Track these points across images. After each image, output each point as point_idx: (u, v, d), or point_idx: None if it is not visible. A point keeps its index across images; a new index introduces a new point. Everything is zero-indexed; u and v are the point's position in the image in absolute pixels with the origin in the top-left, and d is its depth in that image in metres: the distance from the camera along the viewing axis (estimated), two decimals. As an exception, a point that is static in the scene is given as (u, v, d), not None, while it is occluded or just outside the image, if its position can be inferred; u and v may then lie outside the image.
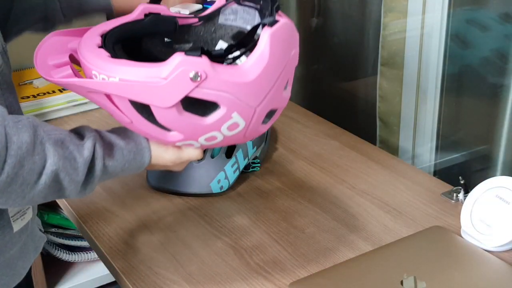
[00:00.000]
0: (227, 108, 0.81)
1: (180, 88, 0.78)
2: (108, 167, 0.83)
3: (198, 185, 1.19)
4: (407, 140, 1.48)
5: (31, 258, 0.96)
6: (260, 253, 1.06)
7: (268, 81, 0.82)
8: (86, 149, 0.80)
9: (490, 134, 1.32)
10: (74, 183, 0.80)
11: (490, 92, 1.33)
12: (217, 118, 0.81)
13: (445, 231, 1.07)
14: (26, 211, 0.90)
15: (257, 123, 0.85)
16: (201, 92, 0.78)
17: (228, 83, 0.79)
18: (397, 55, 1.42)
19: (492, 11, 1.31)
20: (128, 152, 0.85)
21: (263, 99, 0.82)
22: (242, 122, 0.83)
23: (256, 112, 0.83)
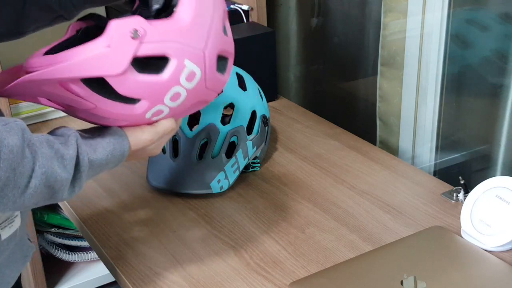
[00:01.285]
0: (177, 57, 0.83)
1: (126, 50, 0.80)
2: (93, 162, 0.83)
3: (198, 185, 1.19)
4: (407, 140, 1.48)
5: (20, 267, 0.95)
6: (260, 253, 1.06)
7: (203, 22, 0.85)
8: (71, 146, 0.80)
9: (490, 134, 1.32)
10: (64, 182, 0.79)
11: (490, 92, 1.33)
12: (172, 70, 0.83)
13: (445, 231, 1.07)
14: (14, 219, 0.89)
15: (212, 69, 0.86)
16: (147, 48, 0.81)
17: (168, 32, 0.82)
18: (397, 55, 1.42)
19: (492, 11, 1.31)
20: (108, 143, 0.85)
21: (206, 40, 0.85)
22: (197, 69, 0.85)
23: (206, 56, 0.85)
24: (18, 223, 0.90)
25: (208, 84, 0.88)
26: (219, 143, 1.20)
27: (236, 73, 1.27)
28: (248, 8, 1.68)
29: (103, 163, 0.85)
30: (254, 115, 1.26)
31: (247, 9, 1.68)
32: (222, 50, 0.88)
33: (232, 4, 1.68)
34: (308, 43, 1.87)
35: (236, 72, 1.28)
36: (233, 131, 1.21)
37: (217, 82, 0.90)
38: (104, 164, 0.85)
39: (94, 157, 0.83)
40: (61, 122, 1.56)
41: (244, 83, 1.27)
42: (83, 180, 0.83)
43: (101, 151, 0.84)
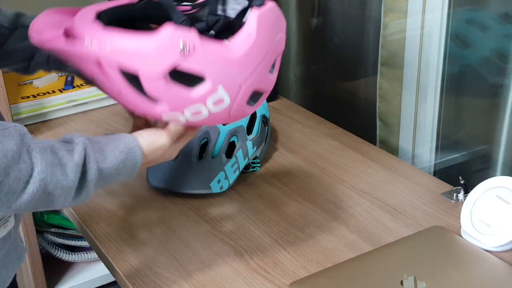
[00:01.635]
0: (212, 81, 0.82)
1: (169, 58, 0.80)
2: (103, 170, 0.82)
3: (198, 185, 1.19)
4: (407, 140, 1.48)
5: (15, 267, 0.95)
6: (260, 253, 1.06)
7: (254, 59, 0.84)
8: (77, 153, 0.80)
9: (490, 134, 1.32)
10: (65, 189, 0.79)
11: (490, 92, 1.33)
12: (203, 90, 0.83)
13: (445, 231, 1.07)
14: (9, 219, 0.89)
15: (242, 101, 0.86)
16: (188, 64, 0.81)
17: (215, 57, 0.82)
18: (397, 55, 1.42)
19: (492, 11, 1.31)
20: (120, 153, 0.85)
21: (249, 76, 0.84)
22: (227, 97, 0.84)
23: (242, 89, 0.85)
24: (12, 223, 0.90)
25: (232, 113, 0.87)
26: (219, 143, 1.20)
27: (236, 73, 1.27)
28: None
29: (113, 172, 0.84)
30: (254, 115, 1.26)
31: (247, 9, 1.67)
32: (260, 88, 0.88)
33: (232, 4, 1.68)
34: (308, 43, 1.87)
35: (236, 72, 1.28)
36: (233, 131, 1.21)
37: (242, 113, 0.89)
38: (115, 174, 0.84)
39: (104, 165, 0.82)
40: (61, 122, 1.56)
41: (244, 83, 1.27)
42: (90, 189, 0.82)
43: (112, 160, 0.84)
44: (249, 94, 0.86)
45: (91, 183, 0.81)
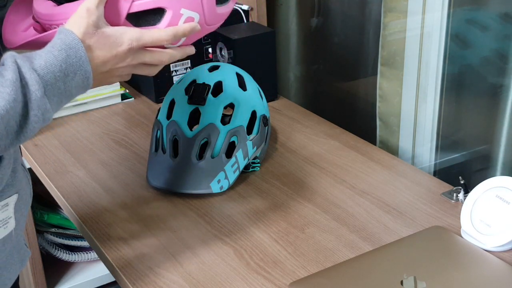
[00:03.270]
0: (172, 8, 0.84)
1: (119, 9, 0.83)
2: (45, 76, 0.76)
3: (198, 185, 1.19)
4: (407, 140, 1.48)
5: (17, 270, 0.94)
6: (260, 253, 1.06)
7: None
8: (8, 69, 0.74)
9: (490, 134, 1.32)
10: (10, 111, 0.72)
11: (490, 92, 1.33)
12: (168, 20, 0.85)
13: (445, 231, 1.07)
14: (9, 220, 0.89)
15: (211, 8, 0.88)
16: (140, 5, 0.83)
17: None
18: (397, 55, 1.42)
19: (492, 11, 1.31)
20: (59, 51, 0.77)
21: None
22: (195, 14, 0.87)
23: (204, 1, 0.87)
24: (13, 225, 0.89)
25: (208, 22, 0.89)
26: (219, 143, 1.20)
27: (236, 73, 1.27)
28: (248, 8, 1.68)
29: (57, 73, 0.76)
30: (254, 115, 1.26)
31: (247, 9, 1.68)
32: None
33: (232, 4, 1.68)
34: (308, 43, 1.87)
35: (236, 72, 1.28)
36: (233, 131, 1.21)
37: (219, 16, 0.92)
38: (62, 75, 0.77)
39: (44, 71, 0.76)
40: (61, 122, 1.56)
41: (244, 83, 1.27)
42: (43, 102, 0.75)
43: (50, 59, 0.76)
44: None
45: (38, 93, 0.75)
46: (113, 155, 1.39)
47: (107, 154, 1.39)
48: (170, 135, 1.21)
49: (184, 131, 1.20)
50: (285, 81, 1.92)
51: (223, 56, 1.54)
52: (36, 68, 0.75)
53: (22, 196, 0.90)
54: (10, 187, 0.86)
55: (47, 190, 1.35)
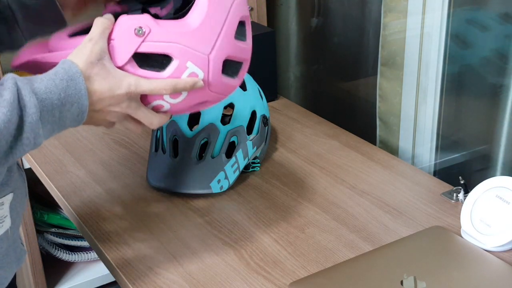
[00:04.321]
0: (179, 58, 0.85)
1: (128, 44, 0.83)
2: (44, 101, 0.76)
3: (198, 185, 1.19)
4: (407, 140, 1.48)
5: (13, 269, 0.94)
6: (260, 253, 1.06)
7: (212, 28, 0.86)
8: (7, 89, 0.74)
9: (490, 134, 1.32)
10: (4, 129, 0.73)
11: (490, 92, 1.33)
12: (173, 69, 0.85)
13: (445, 231, 1.07)
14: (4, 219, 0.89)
15: (216, 73, 0.88)
16: (149, 46, 0.84)
17: (172, 33, 0.84)
18: (397, 55, 1.42)
19: (492, 11, 1.31)
20: (60, 81, 0.78)
21: (213, 46, 0.86)
22: (200, 71, 0.86)
23: (211, 60, 0.86)
24: (9, 224, 0.89)
25: (212, 87, 0.89)
26: (219, 143, 1.20)
27: (236, 73, 1.27)
28: (248, 8, 1.68)
29: (55, 102, 0.77)
30: (254, 115, 1.26)
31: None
32: (231, 56, 0.89)
33: (232, 4, 1.68)
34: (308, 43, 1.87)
35: (236, 72, 1.28)
36: (233, 131, 1.21)
37: (223, 86, 0.91)
38: (59, 104, 0.77)
39: (43, 96, 0.76)
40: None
41: (244, 83, 1.27)
42: (35, 127, 0.76)
43: (50, 86, 0.77)
44: (221, 63, 0.88)
45: (34, 117, 0.75)
46: (113, 155, 1.39)
47: (107, 154, 1.39)
48: (170, 135, 1.21)
49: (184, 131, 1.20)
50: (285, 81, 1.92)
51: (223, 56, 1.54)
52: (36, 92, 0.76)
53: (18, 195, 0.90)
54: (5, 187, 0.86)
55: (47, 190, 1.35)
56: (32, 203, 1.76)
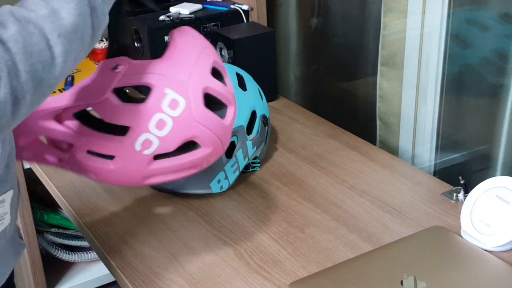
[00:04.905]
0: (157, 86, 0.87)
1: (107, 80, 0.87)
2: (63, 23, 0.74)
3: (198, 185, 1.19)
4: (407, 140, 1.48)
5: (11, 264, 0.94)
6: (260, 253, 1.06)
7: (187, 59, 0.89)
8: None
9: (490, 134, 1.32)
10: (80, 22, 0.75)
11: (490, 92, 1.33)
12: (152, 97, 0.87)
13: (445, 231, 1.07)
14: (4, 216, 0.89)
15: (198, 102, 0.88)
16: (126, 79, 0.87)
17: (148, 66, 0.88)
18: (397, 55, 1.42)
19: (492, 11, 1.31)
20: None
21: (190, 74, 0.88)
22: (180, 98, 0.87)
23: (190, 87, 0.88)
24: (8, 221, 0.90)
25: (197, 118, 0.89)
26: (219, 143, 1.20)
27: (236, 73, 1.27)
28: (248, 8, 1.68)
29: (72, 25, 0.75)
30: (254, 115, 1.26)
31: (247, 9, 1.68)
32: (212, 90, 0.90)
33: (232, 4, 1.68)
34: (308, 43, 1.87)
35: (236, 72, 1.28)
36: (233, 131, 1.21)
37: (211, 121, 0.91)
38: (75, 29, 0.75)
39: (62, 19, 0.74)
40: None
41: (244, 83, 1.27)
42: (103, 5, 0.78)
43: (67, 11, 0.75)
44: (201, 93, 0.89)
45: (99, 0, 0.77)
46: (113, 155, 1.39)
47: (107, 154, 1.39)
48: (170, 135, 1.21)
49: (184, 131, 1.20)
50: (285, 81, 1.92)
51: (223, 56, 1.54)
52: None
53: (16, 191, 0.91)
54: (4, 183, 0.86)
55: (47, 190, 1.35)
56: (32, 203, 1.76)
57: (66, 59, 0.74)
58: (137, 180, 0.92)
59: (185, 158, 0.92)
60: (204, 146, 0.92)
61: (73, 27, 0.74)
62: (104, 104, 0.88)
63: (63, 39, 0.73)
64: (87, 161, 0.91)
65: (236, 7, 1.67)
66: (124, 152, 0.89)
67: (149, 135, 0.88)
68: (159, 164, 0.91)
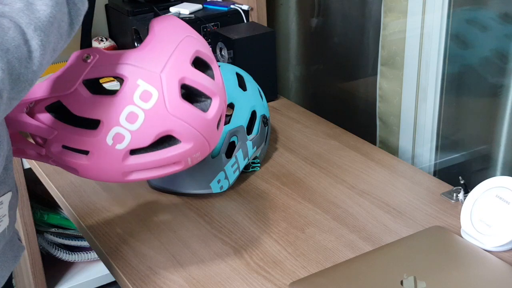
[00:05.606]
0: (129, 77, 0.84)
1: (76, 71, 0.84)
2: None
3: (198, 185, 1.19)
4: (407, 140, 1.48)
5: (10, 266, 0.94)
6: (260, 253, 1.06)
7: (162, 49, 0.86)
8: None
9: (490, 134, 1.32)
10: (57, 13, 0.73)
11: (490, 92, 1.33)
12: (123, 89, 0.84)
13: (445, 231, 1.07)
14: (3, 219, 0.88)
15: (173, 94, 0.85)
16: (97, 70, 0.84)
17: (121, 57, 0.85)
18: (397, 55, 1.42)
19: (492, 11, 1.31)
20: None
21: (164, 65, 0.85)
22: (153, 89, 0.84)
23: (163, 79, 0.84)
24: (6, 223, 0.89)
25: (172, 110, 0.85)
26: (219, 143, 1.20)
27: (236, 73, 1.27)
28: (248, 8, 1.68)
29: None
30: (254, 115, 1.26)
31: (247, 9, 1.68)
32: (189, 81, 0.86)
33: (232, 4, 1.68)
34: (308, 43, 1.87)
35: (236, 72, 1.28)
36: (233, 131, 1.21)
37: (187, 113, 0.86)
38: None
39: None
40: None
41: (244, 83, 1.27)
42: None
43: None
44: (176, 84, 0.85)
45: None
46: (113, 155, 1.39)
47: (107, 154, 1.39)
48: (170, 135, 1.21)
49: (184, 131, 1.20)
50: (285, 81, 1.92)
51: (223, 56, 1.54)
52: None
53: (14, 193, 0.90)
54: (3, 185, 0.86)
55: (47, 190, 1.35)
56: (32, 203, 1.76)
57: (44, 52, 0.72)
58: (117, 176, 0.89)
59: (164, 154, 0.88)
60: (183, 140, 0.87)
61: (50, 19, 0.72)
62: (73, 96, 0.84)
63: (39, 32, 0.71)
64: (63, 156, 0.88)
65: (236, 7, 1.67)
66: (96, 147, 0.86)
67: (120, 128, 0.84)
68: (136, 160, 0.87)
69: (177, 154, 0.88)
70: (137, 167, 0.88)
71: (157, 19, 0.90)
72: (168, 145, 0.88)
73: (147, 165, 0.88)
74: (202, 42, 0.91)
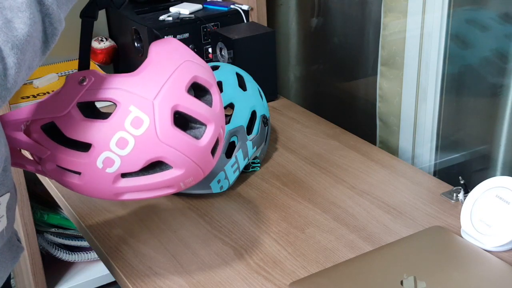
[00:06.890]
0: (122, 103, 0.84)
1: (71, 93, 0.85)
2: None
3: (198, 185, 1.19)
4: (407, 140, 1.48)
5: (9, 267, 0.94)
6: (260, 253, 1.06)
7: (158, 75, 0.86)
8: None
9: (490, 134, 1.32)
10: (34, 31, 0.73)
11: (490, 92, 1.33)
12: (115, 114, 0.84)
13: (445, 231, 1.07)
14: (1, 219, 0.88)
15: (164, 121, 0.84)
16: (91, 93, 0.85)
17: (115, 81, 0.85)
18: (397, 55, 1.42)
19: (492, 11, 1.31)
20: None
21: (158, 92, 0.84)
22: (145, 116, 0.84)
23: (155, 106, 0.84)
24: (4, 224, 0.89)
25: (163, 138, 0.85)
26: (219, 143, 1.20)
27: (236, 73, 1.27)
28: (248, 8, 1.68)
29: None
30: (254, 115, 1.26)
31: (247, 9, 1.68)
32: (183, 108, 0.86)
33: (232, 4, 1.68)
34: (308, 43, 1.87)
35: (236, 72, 1.28)
36: (233, 131, 1.21)
37: (179, 140, 0.86)
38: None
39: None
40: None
41: (244, 83, 1.27)
42: (59, 13, 0.77)
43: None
44: (169, 112, 0.85)
45: (54, 6, 0.76)
46: (113, 155, 1.39)
47: (107, 154, 1.39)
48: (170, 135, 1.21)
49: (184, 131, 1.20)
50: (285, 81, 1.92)
51: (223, 56, 1.54)
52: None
53: (13, 194, 0.90)
54: (2, 186, 0.86)
55: (47, 190, 1.35)
56: (32, 203, 1.76)
57: (19, 70, 0.72)
58: (109, 195, 0.89)
59: (156, 178, 0.88)
60: (175, 167, 0.87)
61: (27, 37, 0.72)
62: (66, 118, 0.85)
63: (16, 51, 0.71)
64: (57, 175, 0.90)
65: (236, 7, 1.67)
66: (88, 169, 0.87)
67: (110, 153, 0.85)
68: (127, 183, 0.87)
69: (168, 179, 0.89)
70: (129, 189, 0.89)
71: (156, 42, 0.90)
72: (160, 170, 0.88)
73: (139, 188, 0.89)
74: (203, 66, 0.90)
